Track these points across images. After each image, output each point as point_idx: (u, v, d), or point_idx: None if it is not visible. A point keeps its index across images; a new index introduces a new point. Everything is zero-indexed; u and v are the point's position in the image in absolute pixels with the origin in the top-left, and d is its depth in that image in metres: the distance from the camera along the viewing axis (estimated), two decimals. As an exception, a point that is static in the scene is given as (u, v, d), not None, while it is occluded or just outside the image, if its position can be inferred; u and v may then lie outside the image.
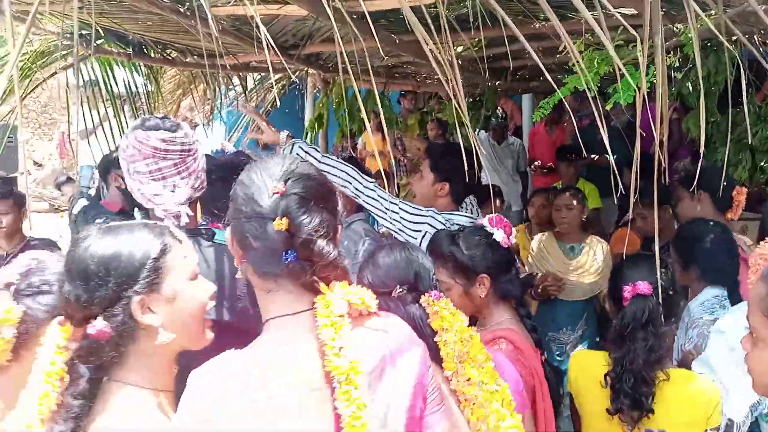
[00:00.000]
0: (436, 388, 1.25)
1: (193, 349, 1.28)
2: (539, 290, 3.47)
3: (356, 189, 2.51)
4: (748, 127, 3.15)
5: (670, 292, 1.88)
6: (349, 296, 1.14)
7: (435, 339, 1.47)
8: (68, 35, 3.11)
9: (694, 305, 2.35)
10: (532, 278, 3.48)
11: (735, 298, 2.42)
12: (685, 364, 2.09)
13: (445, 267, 1.94)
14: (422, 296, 1.53)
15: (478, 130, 5.14)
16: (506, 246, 2.00)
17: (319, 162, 2.51)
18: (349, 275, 1.20)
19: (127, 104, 4.32)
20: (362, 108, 1.80)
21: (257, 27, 1.51)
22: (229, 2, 2.59)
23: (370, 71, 1.83)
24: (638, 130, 1.41)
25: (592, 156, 5.50)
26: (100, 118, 4.15)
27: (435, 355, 1.43)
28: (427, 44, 1.57)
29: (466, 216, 2.62)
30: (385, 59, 4.39)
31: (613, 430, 1.82)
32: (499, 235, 1.99)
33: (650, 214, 3.23)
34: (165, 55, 3.88)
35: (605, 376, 1.83)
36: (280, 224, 1.10)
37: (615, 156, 5.34)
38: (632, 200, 1.47)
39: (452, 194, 2.64)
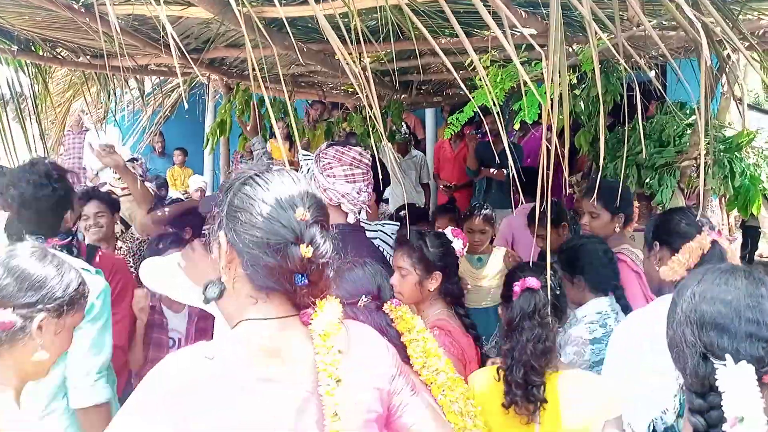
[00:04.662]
0: (405, 383, 1.30)
1: None
2: None
3: None
4: (643, 144, 3.36)
5: (557, 292, 1.97)
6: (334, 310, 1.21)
7: (402, 339, 1.63)
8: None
9: (579, 314, 2.49)
10: None
11: (621, 303, 2.57)
12: None
13: (410, 257, 2.28)
14: (384, 305, 1.72)
15: (383, 142, 5.17)
16: (458, 254, 2.41)
17: None
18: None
19: (9, 105, 4.00)
20: (271, 115, 1.75)
21: (162, 28, 1.45)
22: (128, 2, 2.46)
23: (282, 79, 1.80)
24: (543, 145, 1.46)
25: (491, 170, 5.71)
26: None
27: (402, 354, 1.54)
28: (342, 54, 1.56)
29: (396, 224, 2.87)
30: (291, 67, 4.35)
31: (510, 427, 1.83)
32: (457, 244, 2.39)
33: (546, 234, 3.38)
34: (55, 53, 3.64)
35: (498, 369, 1.88)
36: (307, 251, 1.12)
37: (509, 172, 5.59)
38: (538, 215, 1.52)
39: (378, 202, 2.89)
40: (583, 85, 3.74)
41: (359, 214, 2.45)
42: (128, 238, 3.35)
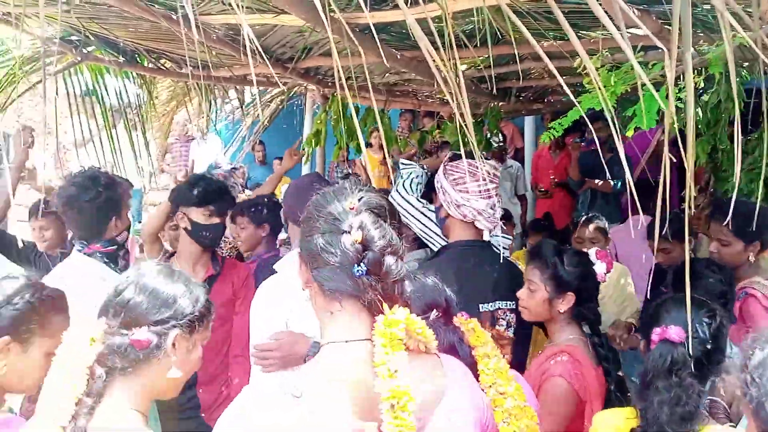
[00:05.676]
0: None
1: None
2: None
3: (410, 214, 2.62)
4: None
5: (708, 346, 1.64)
6: (409, 322, 1.14)
7: (473, 353, 1.50)
8: (55, 40, 2.97)
9: None
10: None
11: None
12: None
13: (542, 272, 2.15)
14: (453, 318, 1.57)
15: (480, 151, 4.99)
16: (600, 279, 2.21)
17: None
18: (411, 304, 1.20)
19: (119, 114, 4.18)
20: (357, 127, 1.67)
21: (247, 34, 1.39)
22: (224, 11, 2.46)
23: (370, 88, 1.70)
24: (666, 155, 1.26)
25: (596, 181, 5.38)
26: (96, 128, 4.00)
27: (472, 371, 1.46)
28: (433, 60, 1.44)
29: (507, 238, 2.76)
30: (386, 76, 4.27)
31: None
32: (599, 267, 2.20)
33: (674, 248, 3.09)
34: (159, 65, 3.75)
35: (631, 430, 1.64)
36: (356, 236, 1.13)
37: (618, 182, 5.24)
38: (658, 231, 1.32)
39: None
40: (704, 90, 3.42)
41: (494, 230, 2.33)
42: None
